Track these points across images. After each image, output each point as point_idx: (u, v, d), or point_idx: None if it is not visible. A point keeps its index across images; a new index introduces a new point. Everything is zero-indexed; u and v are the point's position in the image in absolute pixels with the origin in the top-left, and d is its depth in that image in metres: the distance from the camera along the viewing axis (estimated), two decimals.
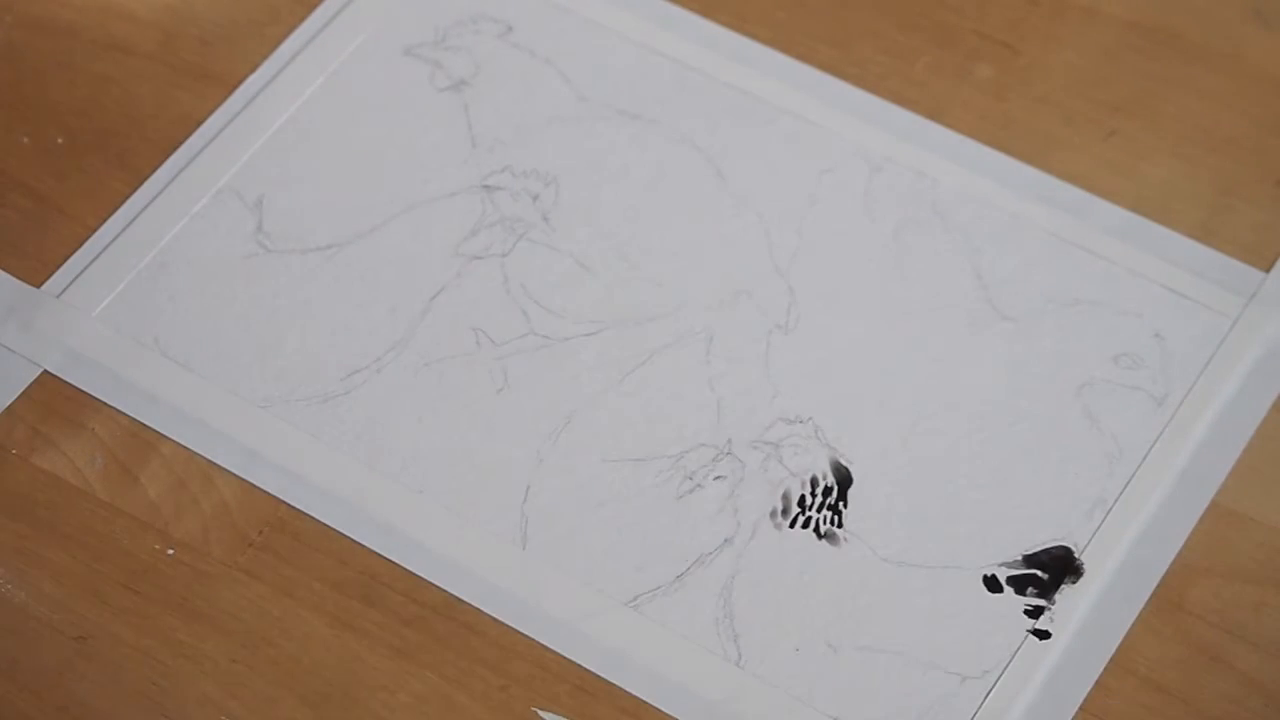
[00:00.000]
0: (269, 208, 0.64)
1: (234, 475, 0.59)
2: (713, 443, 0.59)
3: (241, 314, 0.62)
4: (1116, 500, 0.58)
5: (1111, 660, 0.56)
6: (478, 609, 0.57)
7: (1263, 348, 0.61)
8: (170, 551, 0.58)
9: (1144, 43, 0.67)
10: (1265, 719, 0.55)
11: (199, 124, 0.66)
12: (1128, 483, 0.58)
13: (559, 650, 0.56)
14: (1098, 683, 0.55)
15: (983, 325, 0.62)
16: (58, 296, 0.63)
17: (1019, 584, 0.57)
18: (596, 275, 0.63)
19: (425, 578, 0.57)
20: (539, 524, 0.58)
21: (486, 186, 0.65)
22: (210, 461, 0.59)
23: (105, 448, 0.60)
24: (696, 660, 0.56)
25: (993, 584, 0.57)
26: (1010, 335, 0.61)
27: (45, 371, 0.61)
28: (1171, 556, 0.57)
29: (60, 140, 0.66)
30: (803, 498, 0.58)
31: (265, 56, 0.67)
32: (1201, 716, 0.55)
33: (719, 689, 0.55)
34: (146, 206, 0.64)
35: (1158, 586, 0.57)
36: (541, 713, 0.55)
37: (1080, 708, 0.55)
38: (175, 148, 0.65)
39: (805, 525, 0.58)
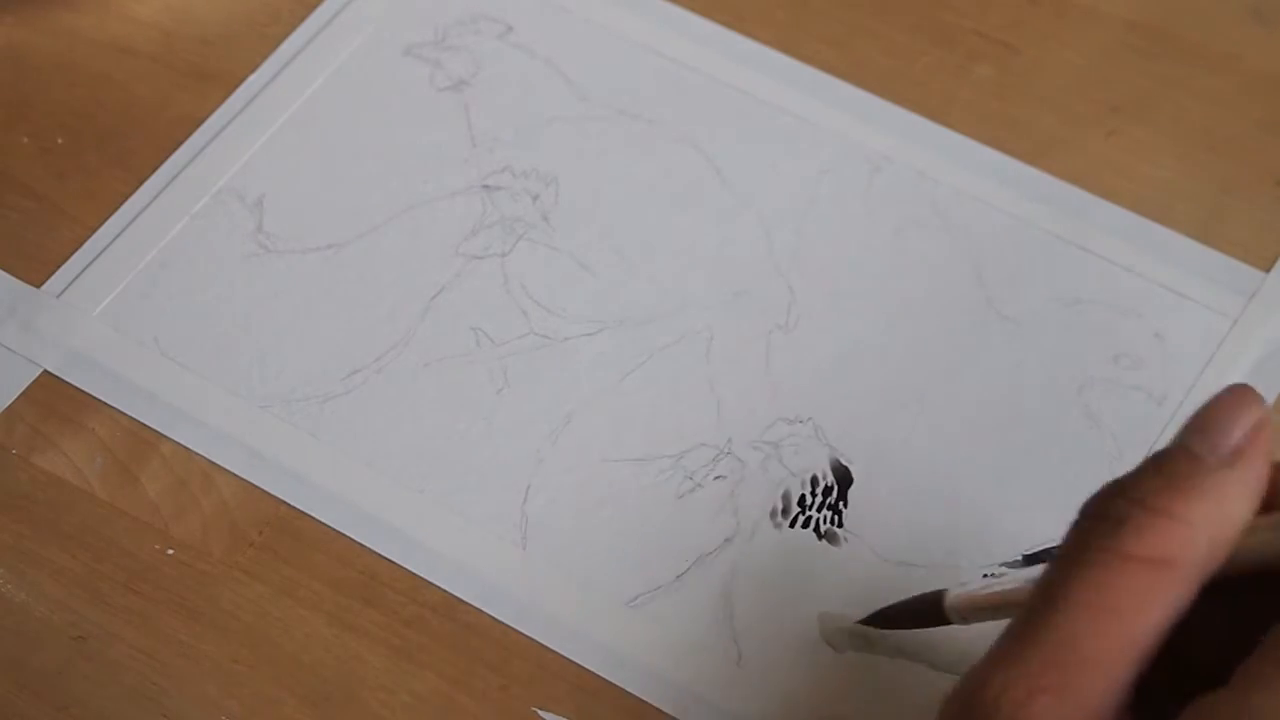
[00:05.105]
0: (269, 208, 0.64)
1: (234, 475, 0.59)
2: (713, 443, 0.59)
3: (241, 314, 0.62)
4: None
5: None
6: (478, 609, 0.57)
7: (1263, 348, 0.61)
8: (170, 551, 0.58)
9: (1144, 43, 0.67)
10: None
11: (199, 124, 0.66)
12: None
13: (559, 650, 0.56)
14: None
15: (983, 325, 0.62)
16: (58, 296, 0.63)
17: None
18: (596, 275, 0.63)
19: (425, 578, 0.57)
20: (539, 524, 0.58)
21: (486, 186, 0.65)
22: (210, 461, 0.59)
23: (105, 448, 0.60)
24: (696, 660, 0.56)
25: None
26: (1010, 335, 0.61)
27: (45, 371, 0.61)
28: None
29: (60, 140, 0.66)
30: (803, 497, 0.58)
31: (265, 56, 0.67)
32: None
33: (719, 689, 0.55)
34: (146, 206, 0.64)
35: None
36: (541, 713, 0.55)
37: None
38: (175, 148, 0.65)
39: (805, 525, 0.58)
